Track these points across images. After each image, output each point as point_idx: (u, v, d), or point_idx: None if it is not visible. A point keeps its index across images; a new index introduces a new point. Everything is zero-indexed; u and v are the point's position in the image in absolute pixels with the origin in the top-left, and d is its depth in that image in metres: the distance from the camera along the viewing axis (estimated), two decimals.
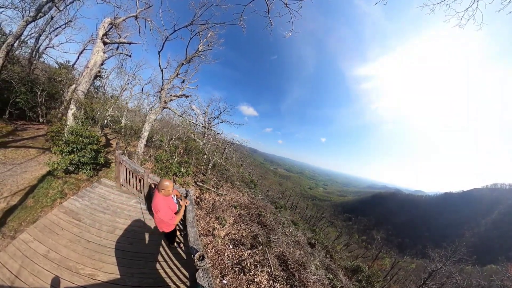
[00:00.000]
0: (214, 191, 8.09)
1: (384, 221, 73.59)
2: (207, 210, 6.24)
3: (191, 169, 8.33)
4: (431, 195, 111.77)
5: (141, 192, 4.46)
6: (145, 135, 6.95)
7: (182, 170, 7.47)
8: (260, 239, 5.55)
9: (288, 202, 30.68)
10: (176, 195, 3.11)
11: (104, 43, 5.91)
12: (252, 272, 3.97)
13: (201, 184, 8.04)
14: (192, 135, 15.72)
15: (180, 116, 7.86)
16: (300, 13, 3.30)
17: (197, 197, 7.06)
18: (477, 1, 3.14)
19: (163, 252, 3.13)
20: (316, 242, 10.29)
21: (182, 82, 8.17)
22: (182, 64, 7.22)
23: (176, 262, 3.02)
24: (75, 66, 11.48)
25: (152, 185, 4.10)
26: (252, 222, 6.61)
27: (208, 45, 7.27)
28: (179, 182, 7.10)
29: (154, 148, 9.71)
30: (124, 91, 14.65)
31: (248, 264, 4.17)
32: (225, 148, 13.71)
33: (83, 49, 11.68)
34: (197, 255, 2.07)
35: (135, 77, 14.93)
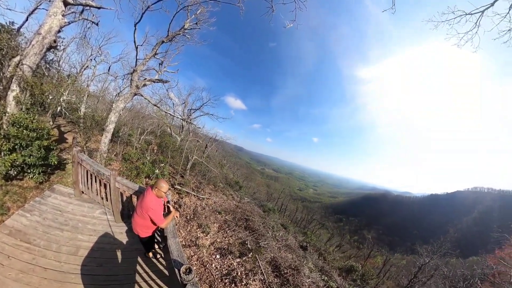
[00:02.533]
0: (194, 195, 8.00)
1: (374, 221, 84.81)
2: (188, 217, 6.14)
3: (167, 169, 8.04)
4: (418, 196, 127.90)
5: (107, 200, 4.17)
6: (110, 127, 6.39)
7: (156, 171, 7.17)
8: (249, 246, 5.69)
9: (277, 204, 31.22)
10: (165, 201, 3.09)
11: (65, 4, 5.02)
12: (244, 282, 4.04)
13: (179, 187, 7.85)
14: (168, 129, 14.96)
15: (155, 105, 7.37)
16: (306, 5, 3.38)
17: (175, 203, 6.88)
18: (478, 27, 3.90)
19: (141, 271, 2.99)
20: (308, 244, 10.95)
21: (160, 64, 7.60)
22: (163, 42, 6.71)
23: (158, 281, 2.91)
24: (21, 30, 9.61)
25: (122, 191, 3.88)
26: (239, 227, 6.72)
27: (196, 23, 6.86)
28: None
29: (122, 144, 9.05)
30: (85, 69, 12.63)
31: (239, 274, 4.23)
32: (206, 145, 13.41)
33: (35, 8, 9.77)
34: (182, 268, 2.04)
35: (101, 53, 12.84)
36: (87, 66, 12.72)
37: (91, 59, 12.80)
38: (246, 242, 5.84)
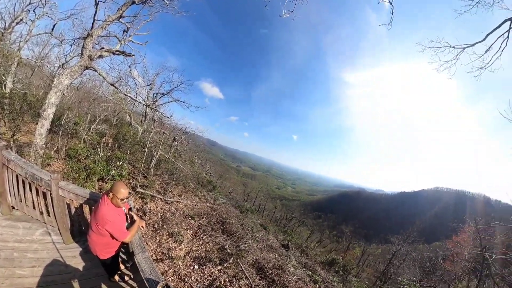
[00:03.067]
0: (161, 199, 7.66)
1: (351, 216, 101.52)
2: (156, 226, 5.81)
3: (126, 169, 7.34)
4: (390, 193, 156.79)
5: (49, 215, 3.50)
6: (49, 112, 5.23)
7: (112, 171, 6.47)
8: (229, 251, 5.76)
9: (255, 204, 32.23)
10: (126, 209, 2.79)
11: None
12: None
13: (142, 190, 7.33)
14: (128, 117, 13.45)
15: (112, 85, 6.23)
16: None
17: (138, 210, 6.39)
18: (457, 59, 5.20)
19: None
20: (290, 243, 11.84)
21: (124, 32, 6.58)
22: (133, 2, 5.80)
23: None
24: None
25: (69, 201, 3.36)
26: (216, 232, 6.77)
27: None
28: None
29: (65, 136, 7.76)
30: (17, 23, 9.67)
31: (222, 282, 4.25)
32: (175, 138, 12.63)
33: None
34: (158, 287, 1.94)
35: (44, 2, 9.95)
36: (21, 20, 9.63)
37: (28, 10, 9.76)
38: (225, 247, 5.89)
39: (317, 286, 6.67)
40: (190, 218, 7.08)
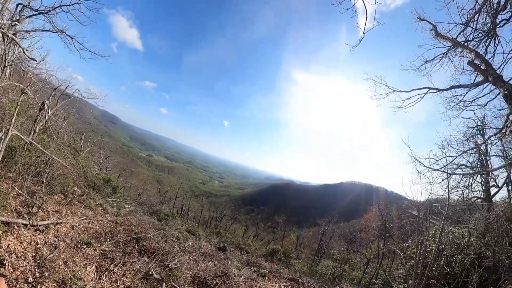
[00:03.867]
0: (25, 225, 5.44)
1: (282, 207, 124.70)
2: (32, 278, 3.96)
3: None
4: (315, 185, 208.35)
5: None
6: None
7: None
8: (156, 275, 5.32)
9: (175, 206, 30.88)
10: None
11: None
12: None
13: None
14: None
15: None
16: None
17: None
18: (387, 96, 7.84)
19: None
20: (226, 244, 12.40)
21: None
22: None
23: None
24: None
25: None
26: (131, 256, 6.00)
27: None
28: None
29: None
30: None
31: None
32: (44, 103, 8.97)
33: None
34: None
35: None
36: None
37: None
38: (150, 272, 5.36)
39: (266, 278, 7.44)
40: (85, 246, 5.71)
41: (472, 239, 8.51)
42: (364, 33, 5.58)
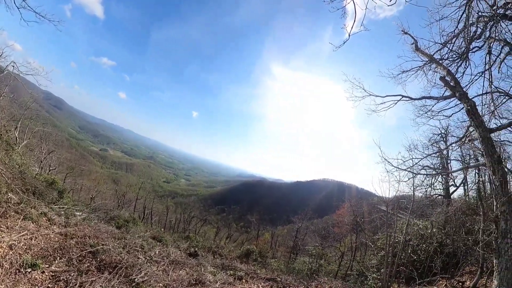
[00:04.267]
0: None
1: (255, 205, 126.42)
2: None
3: None
4: (288, 182, 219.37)
5: None
6: None
7: None
8: None
9: (137, 210, 29.78)
10: None
11: None
12: None
13: None
14: None
15: None
16: None
17: None
18: (363, 99, 8.92)
19: None
20: (197, 249, 12.43)
21: None
22: None
23: None
24: None
25: None
26: (88, 274, 5.56)
27: None
28: None
29: None
30: None
31: None
32: None
33: None
34: None
35: None
36: None
37: None
38: None
39: (244, 281, 7.71)
40: (30, 269, 5.03)
41: (434, 230, 10.37)
42: (349, 35, 6.11)
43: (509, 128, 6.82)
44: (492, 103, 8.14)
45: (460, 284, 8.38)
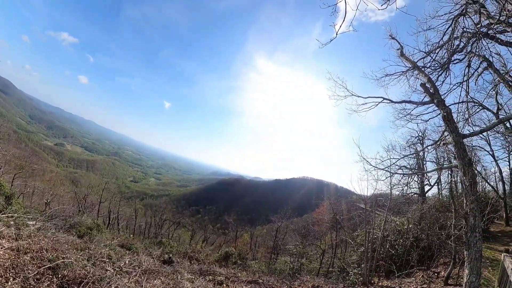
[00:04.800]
0: None
1: (232, 205, 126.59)
2: None
3: None
4: (267, 180, 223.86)
5: None
6: None
7: None
8: None
9: (101, 215, 28.40)
10: None
11: None
12: None
13: None
14: None
15: None
16: None
17: None
18: (345, 98, 9.17)
19: None
20: (171, 255, 12.31)
21: None
22: None
23: None
24: None
25: None
26: None
27: None
28: None
29: None
30: None
31: None
32: None
33: None
34: None
35: None
36: None
37: None
38: None
39: (224, 285, 7.78)
40: None
41: (410, 226, 11.49)
42: (337, 34, 6.31)
43: (480, 135, 7.78)
44: (467, 112, 9.23)
45: (436, 274, 9.37)
